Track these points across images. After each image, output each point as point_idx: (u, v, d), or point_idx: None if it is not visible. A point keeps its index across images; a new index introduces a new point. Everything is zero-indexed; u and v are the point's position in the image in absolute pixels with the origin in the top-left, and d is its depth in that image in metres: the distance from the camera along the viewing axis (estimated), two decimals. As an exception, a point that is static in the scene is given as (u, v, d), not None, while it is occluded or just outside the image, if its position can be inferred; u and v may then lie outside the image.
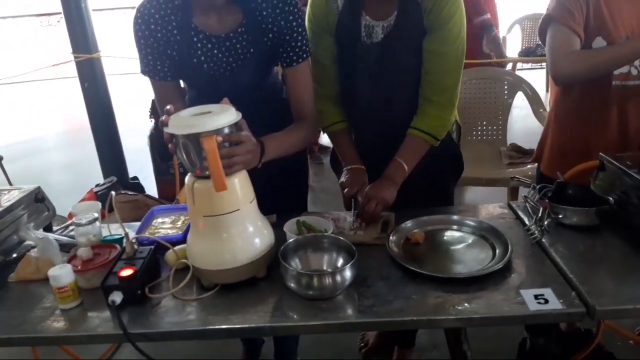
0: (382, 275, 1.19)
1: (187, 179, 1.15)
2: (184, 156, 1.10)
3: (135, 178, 3.64)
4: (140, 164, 3.89)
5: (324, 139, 4.76)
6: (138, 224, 1.47)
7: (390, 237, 1.29)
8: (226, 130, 1.09)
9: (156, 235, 1.37)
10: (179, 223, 1.46)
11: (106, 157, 3.43)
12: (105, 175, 3.42)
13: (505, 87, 2.88)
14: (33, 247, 1.34)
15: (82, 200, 3.00)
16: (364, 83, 1.49)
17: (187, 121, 1.09)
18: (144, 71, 1.39)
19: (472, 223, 1.36)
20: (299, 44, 1.36)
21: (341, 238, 1.21)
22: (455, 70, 1.43)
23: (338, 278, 1.10)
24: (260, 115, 1.28)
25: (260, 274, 1.20)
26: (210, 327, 1.08)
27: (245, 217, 1.16)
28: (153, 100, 3.37)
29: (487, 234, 1.31)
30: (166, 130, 1.09)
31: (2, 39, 9.72)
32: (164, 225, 1.45)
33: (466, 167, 1.68)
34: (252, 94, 1.43)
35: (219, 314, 1.11)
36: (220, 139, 1.06)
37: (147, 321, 1.10)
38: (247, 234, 1.16)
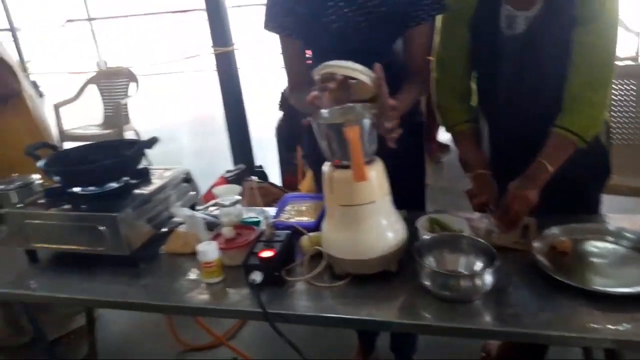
0: (525, 284, 1.12)
1: (325, 167, 1.17)
2: (325, 144, 1.12)
3: (260, 167, 3.82)
4: (264, 153, 4.08)
5: (442, 136, 4.61)
6: (265, 208, 1.53)
7: (534, 244, 1.20)
8: (368, 121, 1.09)
9: (291, 220, 1.41)
10: (311, 210, 1.49)
11: (236, 146, 3.64)
12: (235, 162, 3.63)
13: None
14: (181, 224, 1.45)
15: (214, 184, 3.22)
16: (503, 77, 1.40)
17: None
18: (270, 26, 1.41)
19: (629, 235, 1.22)
20: (430, 1, 1.33)
21: (480, 240, 1.16)
22: (608, 65, 1.29)
23: (477, 281, 1.05)
24: None
25: (392, 268, 1.18)
26: (343, 315, 1.09)
27: (380, 210, 1.15)
28: (282, 93, 3.52)
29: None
30: (313, 120, 1.12)
31: (142, 34, 10.75)
32: (297, 212, 1.50)
33: (613, 173, 1.52)
34: (377, 61, 1.39)
35: (350, 303, 1.12)
36: (363, 129, 1.06)
37: (283, 303, 1.14)
38: (381, 226, 1.15)
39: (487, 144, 1.56)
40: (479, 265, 1.13)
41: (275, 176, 3.60)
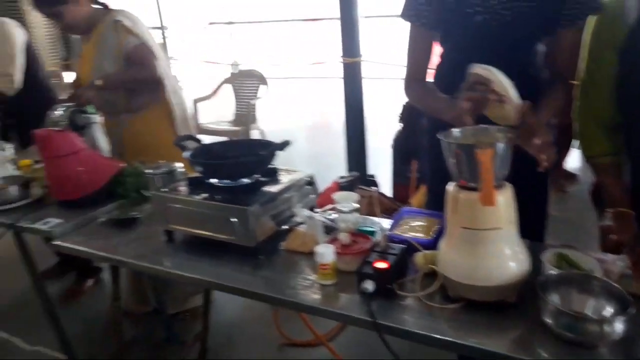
0: (662, 339, 1.01)
1: (450, 187, 1.16)
2: (453, 163, 1.12)
3: (372, 176, 3.86)
4: (378, 163, 4.11)
5: (568, 165, 4.29)
6: (379, 219, 1.56)
7: (676, 296, 1.09)
8: (502, 145, 1.07)
9: (405, 235, 1.42)
10: (426, 227, 1.49)
11: (352, 153, 3.71)
12: (349, 169, 3.71)
13: None
14: (301, 224, 1.52)
15: (328, 189, 3.32)
16: None
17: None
18: (407, 14, 1.42)
19: None
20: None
21: (614, 284, 1.07)
22: None
23: (606, 328, 0.97)
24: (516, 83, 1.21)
25: (510, 299, 1.14)
26: (452, 339, 1.08)
27: (505, 237, 1.12)
28: (404, 106, 3.53)
29: None
30: (442, 137, 1.12)
31: (275, 39, 11.36)
32: (412, 227, 1.50)
33: None
34: (516, 60, 1.34)
35: (461, 328, 1.10)
36: (496, 152, 1.04)
37: (391, 316, 1.15)
38: (503, 254, 1.12)
39: (627, 181, 1.44)
40: (609, 310, 1.05)
41: (386, 187, 3.62)
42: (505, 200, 1.11)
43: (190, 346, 2.29)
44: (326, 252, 1.25)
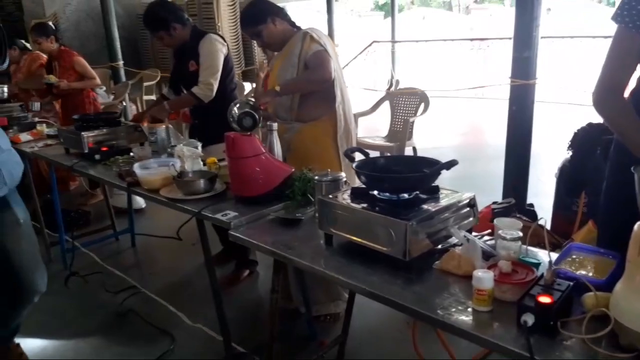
0: None
1: (637, 226, 1.07)
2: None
3: (531, 205, 3.62)
4: (538, 191, 3.85)
5: None
6: (544, 251, 1.46)
7: None
8: None
9: (575, 272, 1.33)
10: (596, 266, 1.38)
11: (510, 179, 3.53)
12: (505, 196, 3.54)
13: None
14: (456, 245, 1.52)
15: (480, 213, 3.20)
16: None
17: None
18: (619, 16, 1.34)
19: None
20: None
21: None
22: None
23: None
24: None
25: (698, 360, 1.01)
26: (622, 392, 0.99)
27: (699, 290, 0.99)
28: (575, 133, 3.26)
29: None
30: (636, 171, 1.04)
31: (441, 59, 11.29)
32: (580, 265, 1.40)
33: None
34: None
35: (633, 382, 1.01)
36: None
37: (552, 354, 1.09)
38: (694, 308, 0.99)
39: None
40: None
41: (545, 218, 3.37)
42: (702, 247, 0.99)
43: (328, 348, 2.39)
44: (485, 278, 1.23)
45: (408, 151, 4.62)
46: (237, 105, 2.29)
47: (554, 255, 1.44)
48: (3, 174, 1.89)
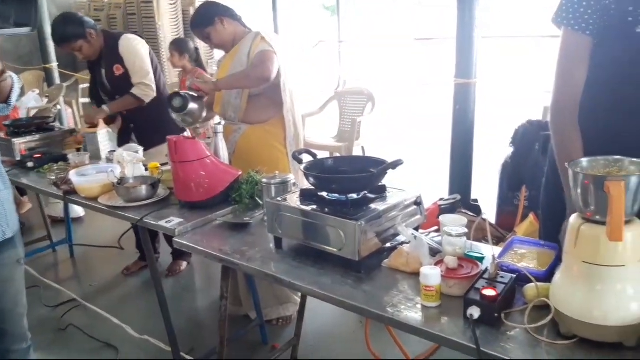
0: None
1: (573, 218, 1.11)
2: (579, 194, 1.07)
3: (476, 200, 3.73)
4: (482, 187, 3.98)
5: None
6: (487, 245, 1.50)
7: None
8: (635, 179, 1.01)
9: (517, 265, 1.37)
10: (538, 258, 1.43)
11: (455, 175, 3.63)
12: (451, 192, 3.63)
13: None
14: (404, 243, 1.53)
15: (427, 210, 3.27)
16: None
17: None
18: (561, 18, 1.32)
19: None
20: None
21: None
22: None
23: None
24: None
25: (629, 342, 1.06)
26: (564, 379, 1.03)
27: (629, 276, 1.05)
28: (516, 130, 3.40)
29: None
30: (570, 167, 1.09)
31: (384, 59, 11.47)
32: (523, 257, 1.44)
33: None
34: None
35: (574, 367, 1.05)
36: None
37: (495, 345, 1.12)
38: (625, 294, 1.05)
39: None
40: None
41: (489, 212, 3.49)
42: (633, 236, 1.04)
43: (281, 351, 2.37)
44: (432, 274, 1.25)
45: (357, 151, 4.66)
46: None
47: (499, 249, 1.48)
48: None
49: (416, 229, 1.63)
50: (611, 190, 0.98)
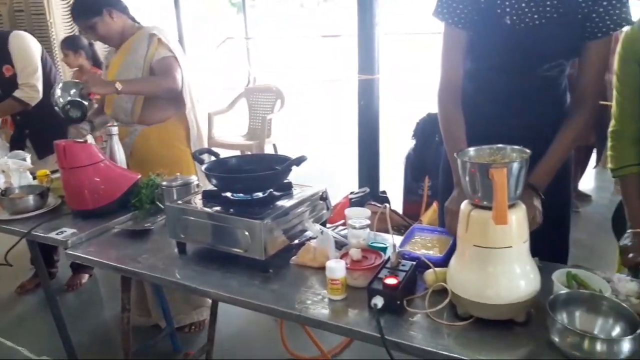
0: (671, 362, 1.01)
1: (463, 205, 1.17)
2: (468, 182, 1.13)
3: (384, 192, 3.87)
4: (389, 179, 4.12)
5: (583, 186, 4.28)
6: (390, 235, 1.55)
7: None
8: (517, 165, 1.08)
9: (417, 252, 1.43)
10: (437, 244, 1.49)
11: (364, 169, 3.73)
12: (360, 185, 3.73)
13: None
14: (312, 238, 1.54)
15: (339, 204, 3.33)
16: None
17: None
18: (437, 13, 1.42)
19: None
20: (615, 11, 1.26)
21: (624, 305, 1.07)
22: None
23: (614, 348, 0.97)
24: (538, 98, 1.32)
25: (520, 318, 1.14)
26: (460, 357, 1.07)
27: (516, 257, 1.12)
28: (417, 123, 3.55)
29: None
30: (458, 156, 1.14)
31: (294, 55, 11.51)
32: (423, 244, 1.51)
33: None
34: (544, 64, 1.36)
35: (470, 346, 1.10)
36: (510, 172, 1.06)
37: (399, 332, 1.15)
38: (514, 273, 1.12)
39: None
40: (617, 330, 1.05)
41: (397, 203, 3.63)
42: (517, 219, 1.11)
43: (194, 358, 2.29)
44: (337, 268, 1.26)
45: (268, 149, 4.64)
46: (61, 86, 2.06)
47: (401, 238, 1.53)
48: None
49: (323, 223, 1.65)
50: (494, 177, 1.04)
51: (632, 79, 1.35)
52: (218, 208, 1.48)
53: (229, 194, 1.53)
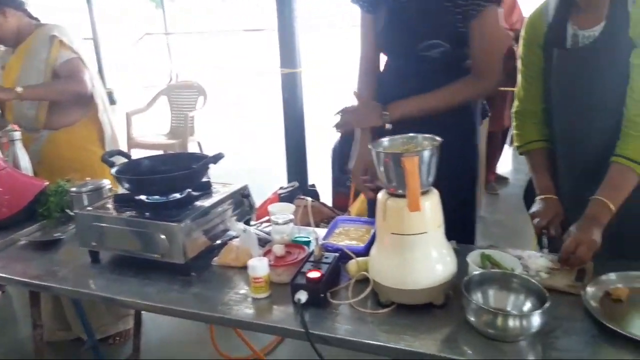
0: (573, 329, 1.08)
1: (380, 194, 1.19)
2: (383, 172, 1.15)
3: (313, 186, 3.88)
4: (318, 173, 4.14)
5: (501, 169, 4.51)
6: (316, 229, 1.57)
7: (587, 288, 1.16)
8: (427, 153, 1.11)
9: (340, 243, 1.43)
10: (361, 235, 1.51)
11: (292, 163, 3.72)
12: (289, 180, 3.71)
13: None
14: (235, 237, 1.50)
15: (268, 200, 3.30)
16: (558, 96, 1.39)
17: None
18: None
19: (695, 290, 1.15)
20: None
21: (533, 280, 1.13)
22: None
23: (524, 322, 1.02)
24: (425, 71, 1.44)
25: (438, 301, 1.18)
26: (383, 344, 1.10)
27: (432, 241, 1.15)
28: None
29: None
30: (371, 147, 1.16)
31: (216, 50, 11.27)
32: (347, 235, 1.52)
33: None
34: (419, 43, 1.46)
35: (392, 332, 1.12)
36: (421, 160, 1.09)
37: (325, 325, 1.15)
38: (430, 258, 1.15)
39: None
40: (528, 305, 1.11)
41: (327, 196, 3.65)
42: (431, 205, 1.14)
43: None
44: (259, 265, 1.24)
45: (193, 147, 4.50)
46: None
47: (325, 231, 1.53)
48: None
49: (247, 221, 1.62)
50: (406, 166, 1.06)
51: (535, 62, 1.43)
52: (132, 213, 1.41)
53: (143, 197, 1.46)
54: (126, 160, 1.55)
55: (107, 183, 1.68)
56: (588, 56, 1.31)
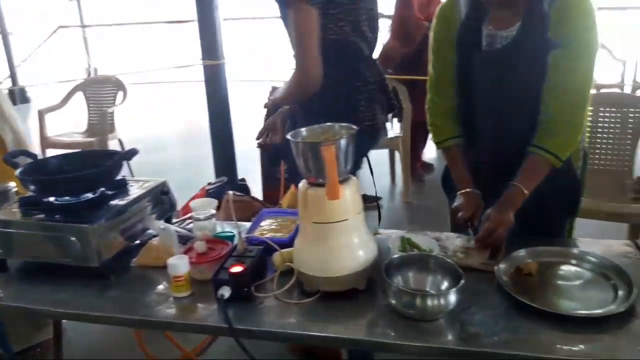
0: (488, 304, 1.14)
1: (300, 185, 1.19)
2: (302, 162, 1.14)
3: (243, 180, 3.82)
4: (248, 166, 4.09)
5: (428, 156, 4.67)
6: (244, 223, 1.54)
7: (500, 265, 1.23)
8: (345, 141, 1.12)
9: (265, 236, 1.42)
10: (286, 226, 1.50)
11: (219, 158, 3.65)
12: (217, 175, 3.64)
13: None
14: (155, 236, 1.45)
15: (195, 196, 3.21)
16: (479, 95, 1.43)
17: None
18: None
19: (593, 259, 1.25)
20: None
21: (449, 260, 1.18)
22: (585, 87, 1.32)
23: (442, 301, 1.07)
24: None
25: (361, 286, 1.20)
26: (310, 332, 1.10)
27: (353, 228, 1.17)
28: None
29: (610, 272, 1.20)
30: (290, 137, 1.15)
31: (135, 43, 10.77)
32: (272, 228, 1.51)
33: (591, 197, 1.55)
34: None
35: (318, 320, 1.13)
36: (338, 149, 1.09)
37: (251, 319, 1.14)
38: (352, 244, 1.17)
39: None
40: (445, 284, 1.15)
41: (257, 190, 3.61)
42: (350, 192, 1.16)
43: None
44: (178, 264, 1.20)
45: (113, 144, 4.29)
46: None
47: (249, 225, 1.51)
48: None
49: (168, 219, 1.56)
50: (324, 154, 1.06)
51: (448, 61, 1.45)
52: (40, 216, 1.32)
53: (52, 199, 1.37)
54: (31, 160, 1.45)
55: (12, 186, 1.56)
56: (508, 57, 1.34)
